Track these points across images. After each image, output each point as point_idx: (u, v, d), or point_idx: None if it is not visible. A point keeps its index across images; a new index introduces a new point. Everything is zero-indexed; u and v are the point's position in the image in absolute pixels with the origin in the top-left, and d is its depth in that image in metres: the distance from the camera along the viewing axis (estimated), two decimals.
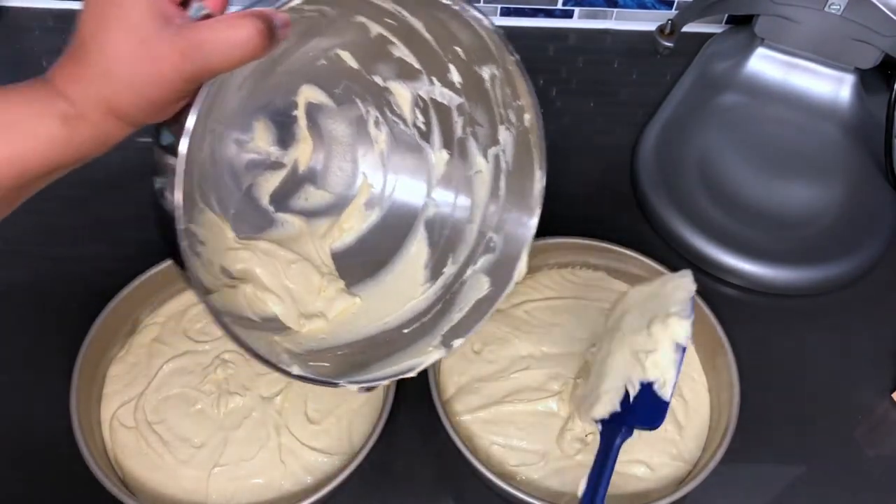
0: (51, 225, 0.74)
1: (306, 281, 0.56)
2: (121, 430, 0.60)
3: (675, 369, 0.52)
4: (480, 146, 0.57)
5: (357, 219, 0.60)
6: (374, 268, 0.59)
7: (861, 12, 0.74)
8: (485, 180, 0.58)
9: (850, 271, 0.73)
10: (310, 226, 0.58)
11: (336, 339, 0.55)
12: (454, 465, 0.59)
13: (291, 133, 0.57)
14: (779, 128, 0.81)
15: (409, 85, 0.56)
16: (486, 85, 0.53)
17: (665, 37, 0.86)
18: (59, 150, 0.36)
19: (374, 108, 0.58)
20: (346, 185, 0.60)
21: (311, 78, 0.55)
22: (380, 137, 0.59)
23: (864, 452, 0.64)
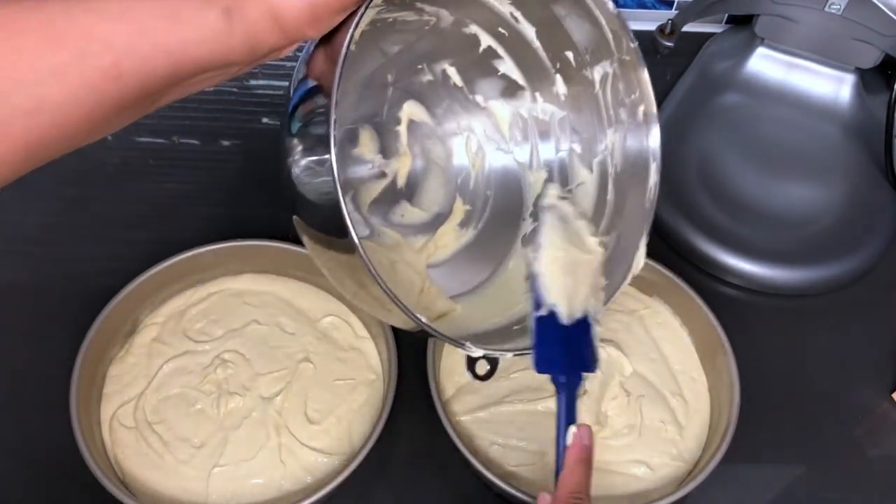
0: (51, 225, 0.74)
1: (409, 280, 0.56)
2: (121, 430, 0.60)
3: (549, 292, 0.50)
4: (583, 157, 0.57)
5: (452, 237, 0.60)
6: (471, 281, 0.59)
7: (861, 12, 0.74)
8: (589, 191, 0.57)
9: (850, 271, 0.73)
10: (406, 241, 0.58)
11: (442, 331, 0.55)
12: (454, 465, 0.59)
13: (392, 147, 0.57)
14: (779, 128, 0.81)
15: (511, 103, 0.57)
16: (596, 89, 0.53)
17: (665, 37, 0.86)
18: (213, 45, 0.36)
19: (472, 128, 0.59)
20: (442, 204, 0.60)
21: (415, 94, 0.56)
22: (476, 160, 0.59)
23: (864, 452, 0.64)
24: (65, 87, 0.34)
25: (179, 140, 0.80)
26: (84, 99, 0.34)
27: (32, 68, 0.33)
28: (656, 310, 0.68)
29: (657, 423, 0.62)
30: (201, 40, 0.36)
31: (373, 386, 0.63)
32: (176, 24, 0.35)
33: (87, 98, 0.34)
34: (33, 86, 0.33)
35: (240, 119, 0.82)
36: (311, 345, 0.65)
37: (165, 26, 0.35)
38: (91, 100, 0.34)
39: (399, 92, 0.56)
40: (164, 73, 0.36)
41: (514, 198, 0.60)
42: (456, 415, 0.61)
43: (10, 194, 0.77)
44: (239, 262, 0.67)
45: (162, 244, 0.66)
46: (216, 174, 0.79)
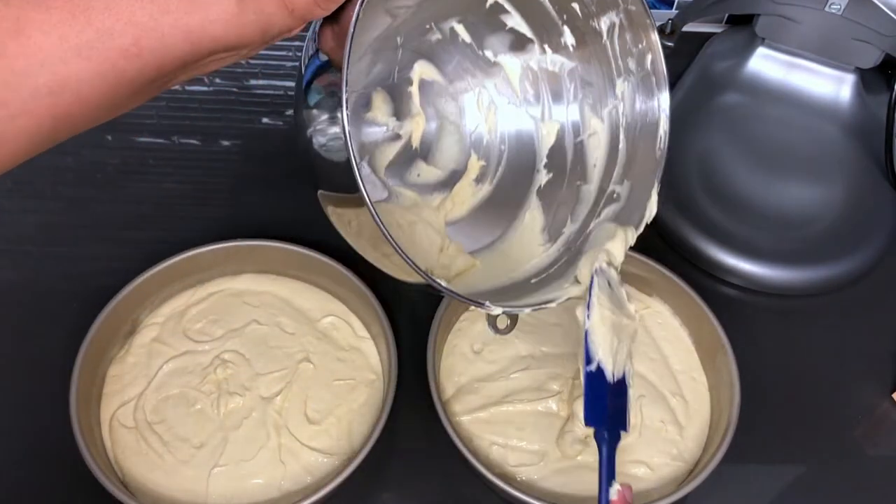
0: (51, 225, 0.74)
1: (429, 240, 0.56)
2: (121, 430, 0.60)
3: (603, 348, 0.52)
4: (594, 107, 0.57)
5: (469, 193, 0.60)
6: (489, 236, 0.60)
7: (861, 12, 0.74)
8: (600, 142, 0.58)
9: (850, 271, 0.73)
10: (423, 199, 0.58)
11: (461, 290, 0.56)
12: (454, 465, 0.59)
13: (405, 108, 0.57)
14: (779, 128, 0.81)
15: (520, 57, 0.57)
16: (604, 39, 0.53)
17: (665, 37, 0.86)
18: (227, 27, 0.37)
19: (483, 84, 0.59)
20: (456, 161, 0.60)
21: (425, 54, 0.57)
22: (489, 115, 0.60)
23: (864, 452, 0.64)
24: (89, 65, 0.34)
25: (179, 140, 0.80)
26: (106, 76, 0.35)
27: (59, 47, 0.34)
28: (656, 310, 0.68)
29: (657, 423, 0.62)
30: (217, 22, 0.36)
31: (373, 386, 0.63)
32: (194, 5, 0.36)
33: (108, 76, 0.35)
34: (59, 64, 0.34)
35: (240, 119, 0.82)
36: (311, 345, 0.65)
37: (185, 6, 0.36)
38: (112, 78, 0.35)
39: (409, 53, 0.56)
40: (181, 52, 0.36)
41: (528, 151, 0.60)
42: (456, 415, 0.61)
43: (10, 194, 0.77)
44: (239, 262, 0.67)
45: (162, 244, 0.66)
46: (216, 174, 0.79)
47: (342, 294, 0.67)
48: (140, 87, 0.37)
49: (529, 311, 0.52)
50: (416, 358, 0.62)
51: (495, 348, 0.65)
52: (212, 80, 0.84)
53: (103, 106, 0.36)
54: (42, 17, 0.34)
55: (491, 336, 0.65)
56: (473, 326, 0.66)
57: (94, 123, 0.37)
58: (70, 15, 0.34)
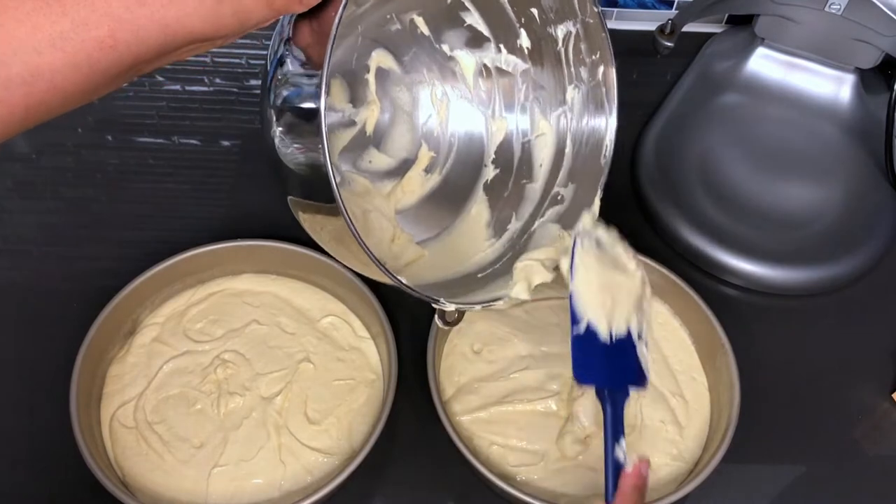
0: (51, 225, 0.74)
1: (381, 229, 0.57)
2: (121, 430, 0.60)
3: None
4: (544, 109, 0.59)
5: (418, 183, 0.61)
6: (436, 227, 0.61)
7: (861, 12, 0.74)
8: (548, 142, 0.59)
9: (850, 271, 0.73)
10: (375, 186, 0.59)
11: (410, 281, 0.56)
12: (454, 465, 0.59)
13: (361, 95, 0.58)
14: (779, 128, 0.81)
15: (475, 53, 0.59)
16: (559, 46, 0.55)
17: (665, 37, 0.86)
18: (204, 19, 0.37)
19: (438, 76, 0.60)
20: (408, 150, 0.62)
21: (383, 42, 0.58)
22: (441, 106, 0.61)
23: (864, 452, 0.64)
24: (63, 56, 0.34)
25: (179, 140, 0.80)
26: (80, 67, 0.35)
27: (32, 37, 0.34)
28: (656, 310, 0.68)
29: (657, 423, 0.62)
30: (193, 15, 0.36)
31: (373, 386, 0.63)
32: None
33: (83, 66, 0.35)
34: (33, 54, 0.34)
35: (240, 119, 0.82)
36: (311, 345, 0.65)
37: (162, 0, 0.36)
38: (87, 68, 0.35)
39: (367, 41, 0.57)
40: (156, 44, 0.36)
41: (477, 145, 0.62)
42: (456, 415, 0.61)
43: (10, 194, 0.77)
44: (239, 262, 0.67)
45: (162, 244, 0.66)
46: (216, 174, 0.79)
47: (342, 294, 0.67)
48: (115, 76, 0.37)
49: (479, 308, 0.53)
50: (416, 358, 0.62)
51: (495, 348, 0.65)
52: (212, 80, 0.84)
53: (77, 93, 0.36)
54: (15, 5, 0.33)
55: (491, 335, 0.65)
56: (473, 326, 0.66)
57: (67, 109, 0.37)
58: (44, 4, 0.34)
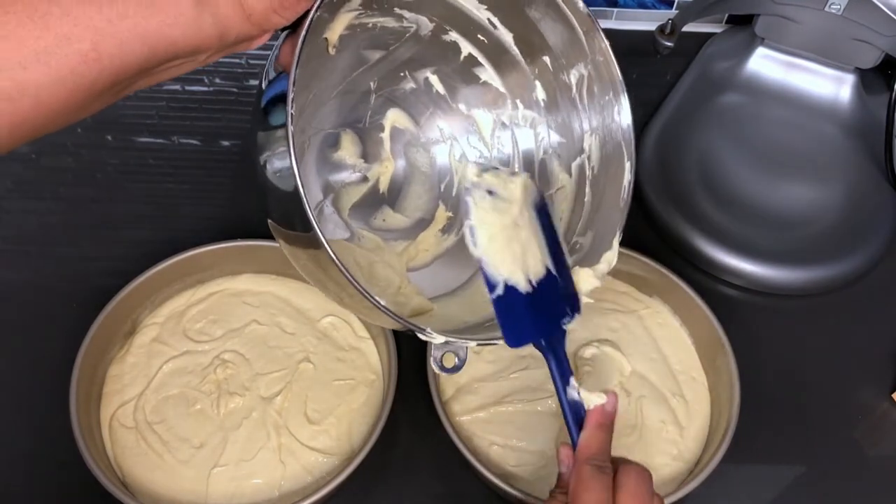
0: (51, 225, 0.74)
1: (387, 279, 0.57)
2: (120, 431, 0.60)
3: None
4: (562, 162, 0.57)
5: (433, 243, 0.60)
6: (449, 284, 0.59)
7: (861, 12, 0.74)
8: (567, 195, 0.58)
9: (850, 271, 0.73)
10: (387, 244, 0.59)
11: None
12: (454, 465, 0.59)
13: (375, 153, 0.58)
14: (779, 128, 0.81)
15: (493, 111, 0.58)
16: (573, 93, 0.54)
17: (665, 37, 0.86)
18: (185, 31, 0.37)
19: (455, 136, 0.59)
20: (424, 210, 0.61)
21: (398, 101, 0.57)
22: (459, 167, 0.60)
23: (864, 452, 0.64)
24: (48, 70, 0.34)
25: (179, 140, 0.80)
26: (65, 82, 0.35)
27: (18, 52, 0.34)
28: (656, 310, 0.68)
29: (657, 423, 0.62)
30: (174, 25, 0.36)
31: (373, 386, 0.63)
32: (152, 9, 0.36)
33: (67, 81, 0.35)
34: (17, 69, 0.34)
35: (240, 119, 0.82)
36: (310, 345, 0.65)
37: (143, 11, 0.36)
38: (71, 83, 0.35)
39: (382, 99, 0.57)
40: (139, 56, 0.36)
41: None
42: (456, 415, 0.61)
43: (9, 194, 0.77)
44: (239, 262, 0.67)
45: (162, 244, 0.66)
46: (216, 174, 0.79)
47: None
48: (99, 93, 0.37)
49: (475, 346, 0.50)
50: (416, 358, 0.62)
51: (495, 348, 0.65)
52: (212, 80, 0.84)
53: (62, 111, 0.36)
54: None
55: None
56: None
57: (53, 128, 0.37)
58: (28, 19, 0.34)
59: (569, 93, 0.54)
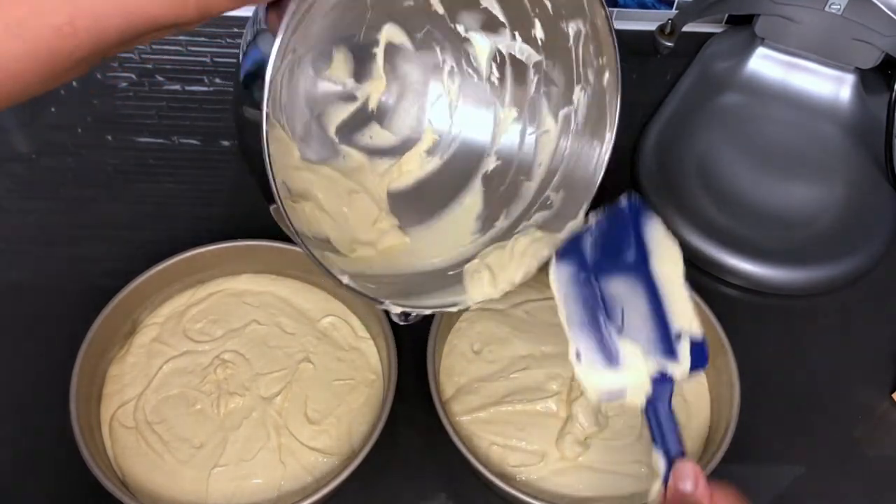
0: (51, 225, 0.74)
1: (363, 211, 0.56)
2: (121, 431, 0.60)
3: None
4: (552, 106, 0.57)
5: (417, 163, 0.60)
6: (426, 212, 0.60)
7: (861, 12, 0.74)
8: (551, 140, 0.58)
9: (850, 271, 0.73)
10: (371, 163, 0.58)
11: (382, 269, 0.56)
12: (454, 465, 0.59)
13: (367, 69, 0.57)
14: (779, 128, 0.81)
15: (490, 38, 0.57)
16: (570, 42, 0.53)
17: (665, 37, 0.86)
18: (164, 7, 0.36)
19: (451, 57, 0.59)
20: (412, 129, 0.60)
21: (396, 18, 0.56)
22: (452, 88, 0.60)
23: (864, 452, 0.64)
24: (22, 44, 0.34)
25: (179, 140, 0.80)
26: (39, 54, 0.34)
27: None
28: None
29: None
30: (156, 2, 0.36)
31: (373, 386, 0.63)
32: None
33: (42, 53, 0.34)
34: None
35: None
36: (311, 345, 0.65)
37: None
38: (46, 55, 0.34)
39: (379, 14, 0.56)
40: (117, 30, 0.36)
41: (483, 132, 0.61)
42: (456, 415, 0.61)
43: (10, 194, 0.77)
44: (239, 262, 0.67)
45: (162, 244, 0.66)
46: (216, 174, 0.79)
47: (342, 294, 0.67)
48: (74, 64, 0.36)
49: (429, 313, 0.52)
50: (416, 358, 0.62)
51: (495, 348, 0.65)
52: (212, 80, 0.84)
53: (37, 81, 0.35)
54: None
55: (491, 335, 0.65)
56: (473, 326, 0.66)
57: (27, 97, 0.36)
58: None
59: (566, 42, 0.54)
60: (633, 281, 0.51)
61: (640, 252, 0.51)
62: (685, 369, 0.49)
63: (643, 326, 0.49)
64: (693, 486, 0.46)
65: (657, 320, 0.50)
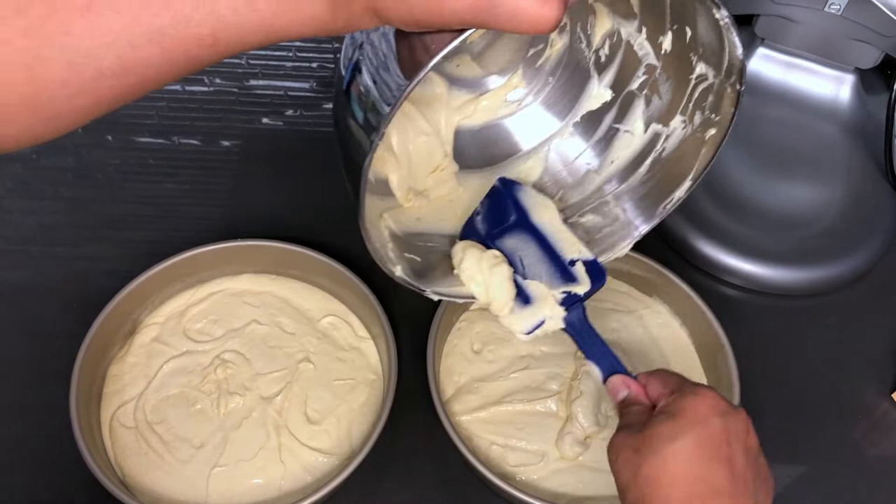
0: (51, 225, 0.74)
1: (428, 156, 0.55)
2: (121, 430, 0.60)
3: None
4: (647, 113, 0.55)
5: (493, 107, 0.58)
6: (485, 161, 0.58)
7: (861, 12, 0.74)
8: (631, 144, 0.56)
9: (850, 271, 0.73)
10: (449, 93, 0.56)
11: (428, 225, 0.55)
12: (454, 465, 0.59)
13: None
14: (779, 128, 0.81)
15: (616, 18, 0.54)
16: (692, 76, 0.51)
17: None
18: (312, 30, 0.36)
19: (569, 15, 0.56)
20: (501, 70, 0.57)
21: None
22: (557, 43, 0.57)
23: (864, 452, 0.64)
24: (159, 52, 0.34)
25: (179, 140, 0.80)
26: (176, 63, 0.34)
27: (128, 30, 0.33)
28: (656, 310, 0.68)
29: None
30: (303, 25, 0.35)
31: (373, 386, 0.63)
32: (284, 6, 0.34)
33: (178, 62, 0.34)
34: (126, 48, 0.33)
35: (240, 119, 0.82)
36: (311, 345, 0.65)
37: (274, 7, 0.34)
38: (182, 64, 0.34)
39: None
40: (256, 45, 0.36)
41: (570, 99, 0.58)
42: (456, 415, 0.61)
43: (10, 194, 0.77)
44: (239, 262, 0.67)
45: (162, 244, 0.66)
46: (216, 174, 0.79)
47: (342, 294, 0.67)
48: (199, 70, 0.36)
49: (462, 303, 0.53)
50: (416, 358, 0.62)
51: (495, 348, 0.65)
52: (212, 80, 0.84)
53: (162, 84, 0.36)
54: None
55: (491, 335, 0.65)
56: (473, 326, 0.66)
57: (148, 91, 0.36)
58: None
59: (687, 73, 0.51)
60: (521, 235, 0.56)
61: (519, 213, 0.56)
62: (586, 286, 0.53)
63: (540, 265, 0.55)
64: (626, 391, 0.49)
65: (551, 257, 0.55)
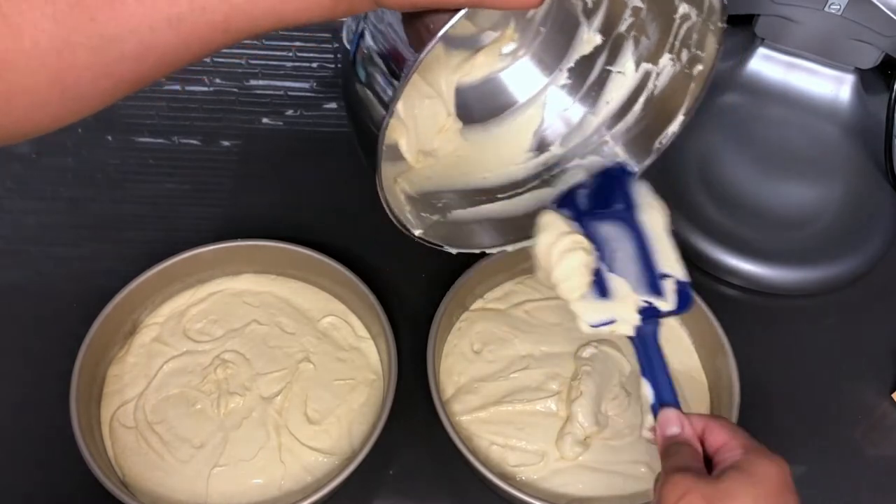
0: (51, 225, 0.74)
1: (433, 117, 0.56)
2: (121, 430, 0.60)
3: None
4: (636, 53, 0.56)
5: (489, 61, 0.59)
6: (488, 114, 0.59)
7: (861, 12, 0.74)
8: (624, 85, 0.57)
9: (850, 271, 0.73)
10: (446, 53, 0.57)
11: (439, 183, 0.55)
12: (454, 465, 0.59)
13: None
14: (779, 128, 0.81)
15: None
16: (675, 15, 0.52)
17: None
18: (317, 15, 0.38)
19: None
20: (494, 24, 0.58)
21: None
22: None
23: (864, 452, 0.64)
24: (176, 36, 0.36)
25: (179, 140, 0.80)
26: (191, 47, 0.37)
27: (149, 15, 0.35)
28: None
29: None
30: (308, 10, 0.38)
31: (373, 386, 0.63)
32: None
33: (193, 46, 0.37)
34: (147, 32, 0.35)
35: (240, 119, 0.82)
36: (311, 345, 0.65)
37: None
38: (196, 48, 0.37)
39: None
40: (267, 30, 0.38)
41: (562, 46, 0.59)
42: (456, 415, 0.61)
43: (10, 194, 0.77)
44: (239, 262, 0.67)
45: (162, 244, 0.66)
46: (216, 174, 0.79)
47: (342, 294, 0.67)
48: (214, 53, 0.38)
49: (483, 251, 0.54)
50: (416, 358, 0.62)
51: (495, 348, 0.65)
52: (212, 80, 0.84)
53: (178, 66, 0.38)
54: None
55: (491, 335, 0.65)
56: (473, 326, 0.66)
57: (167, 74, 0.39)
58: None
59: (671, 12, 0.52)
60: (621, 227, 0.54)
61: (627, 205, 0.55)
62: (671, 306, 0.51)
63: (631, 265, 0.52)
64: (679, 429, 0.47)
65: (644, 262, 0.53)
